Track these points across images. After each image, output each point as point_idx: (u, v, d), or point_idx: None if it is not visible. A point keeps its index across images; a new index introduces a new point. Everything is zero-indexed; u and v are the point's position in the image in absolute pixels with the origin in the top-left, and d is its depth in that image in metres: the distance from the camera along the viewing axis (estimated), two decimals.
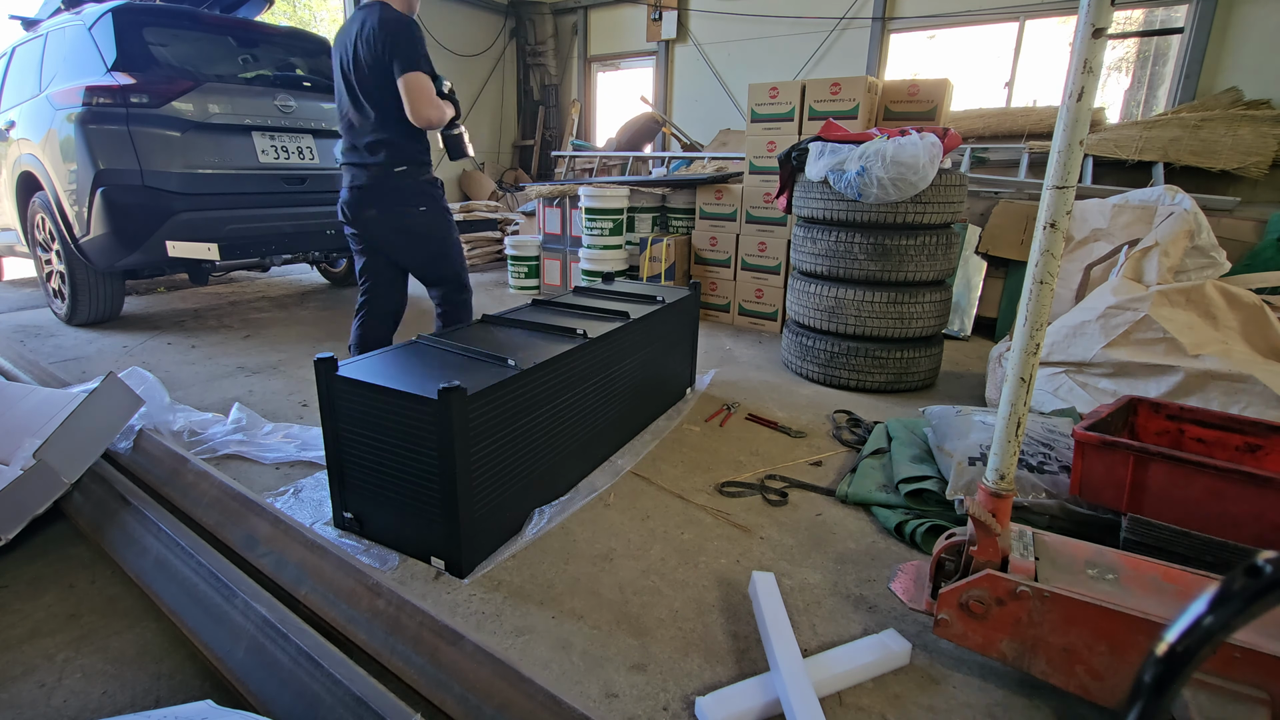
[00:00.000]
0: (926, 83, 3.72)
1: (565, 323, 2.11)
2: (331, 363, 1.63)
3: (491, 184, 8.11)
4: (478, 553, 1.63)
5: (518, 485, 1.74)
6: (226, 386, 2.85)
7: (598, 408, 2.06)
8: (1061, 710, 1.23)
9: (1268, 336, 2.33)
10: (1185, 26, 4.92)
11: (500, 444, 1.63)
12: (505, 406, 1.63)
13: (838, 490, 2.00)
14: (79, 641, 1.35)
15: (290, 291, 4.98)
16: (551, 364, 1.78)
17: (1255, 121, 4.18)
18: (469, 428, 1.50)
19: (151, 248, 3.34)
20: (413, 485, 1.58)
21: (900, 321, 2.82)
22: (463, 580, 1.57)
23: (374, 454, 1.63)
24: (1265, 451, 1.66)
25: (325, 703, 1.06)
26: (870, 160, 2.58)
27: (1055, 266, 1.10)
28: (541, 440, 1.80)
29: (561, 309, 2.38)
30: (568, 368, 1.87)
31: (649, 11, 7.50)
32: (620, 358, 2.16)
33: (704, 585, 1.58)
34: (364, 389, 1.59)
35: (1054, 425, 1.98)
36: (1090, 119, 1.34)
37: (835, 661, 1.29)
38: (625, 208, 4.41)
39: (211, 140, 3.49)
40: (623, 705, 1.23)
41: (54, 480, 1.67)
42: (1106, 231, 3.25)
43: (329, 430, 1.68)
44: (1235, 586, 0.43)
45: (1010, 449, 1.20)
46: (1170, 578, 1.23)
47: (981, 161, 4.84)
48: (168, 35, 3.58)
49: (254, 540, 1.53)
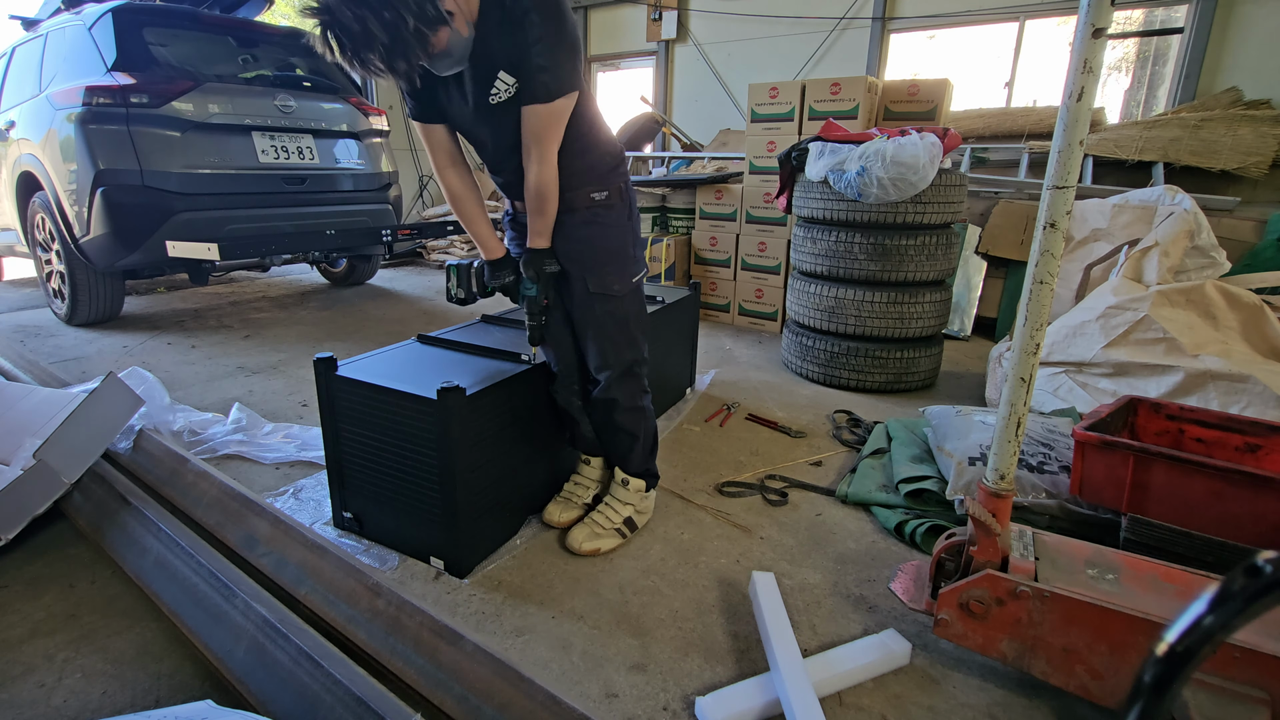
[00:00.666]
0: (926, 83, 3.72)
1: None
2: (331, 362, 1.63)
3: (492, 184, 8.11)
4: (477, 552, 1.63)
5: (517, 485, 1.73)
6: (226, 386, 2.85)
7: None
8: (1061, 710, 1.23)
9: (1268, 336, 2.33)
10: (1185, 26, 4.91)
11: (500, 444, 1.63)
12: (505, 406, 1.63)
13: (838, 490, 2.00)
14: (79, 641, 1.35)
15: (290, 291, 4.98)
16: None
17: (1255, 121, 4.18)
18: (468, 427, 1.50)
19: (151, 248, 3.34)
20: (412, 485, 1.58)
21: (900, 321, 2.82)
22: (463, 580, 1.57)
23: (374, 454, 1.63)
24: (1265, 451, 1.66)
25: (325, 703, 1.06)
26: (870, 160, 2.58)
27: (1055, 266, 1.10)
28: (541, 440, 1.80)
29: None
30: None
31: (649, 11, 7.50)
32: None
33: (704, 585, 1.58)
34: (363, 389, 1.59)
35: (1054, 425, 1.98)
36: (1090, 119, 1.34)
37: (835, 661, 1.29)
38: None
39: (211, 140, 3.49)
40: (623, 705, 1.23)
41: (54, 480, 1.67)
42: (1106, 231, 3.25)
43: (329, 430, 1.68)
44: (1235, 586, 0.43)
45: (1010, 449, 1.20)
46: (1170, 578, 1.23)
47: (981, 161, 4.84)
48: (168, 35, 3.58)
49: (254, 540, 1.53)
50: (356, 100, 4.26)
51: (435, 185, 7.87)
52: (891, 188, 2.56)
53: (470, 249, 6.00)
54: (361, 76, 1.41)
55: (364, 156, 4.21)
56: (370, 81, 6.95)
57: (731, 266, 4.12)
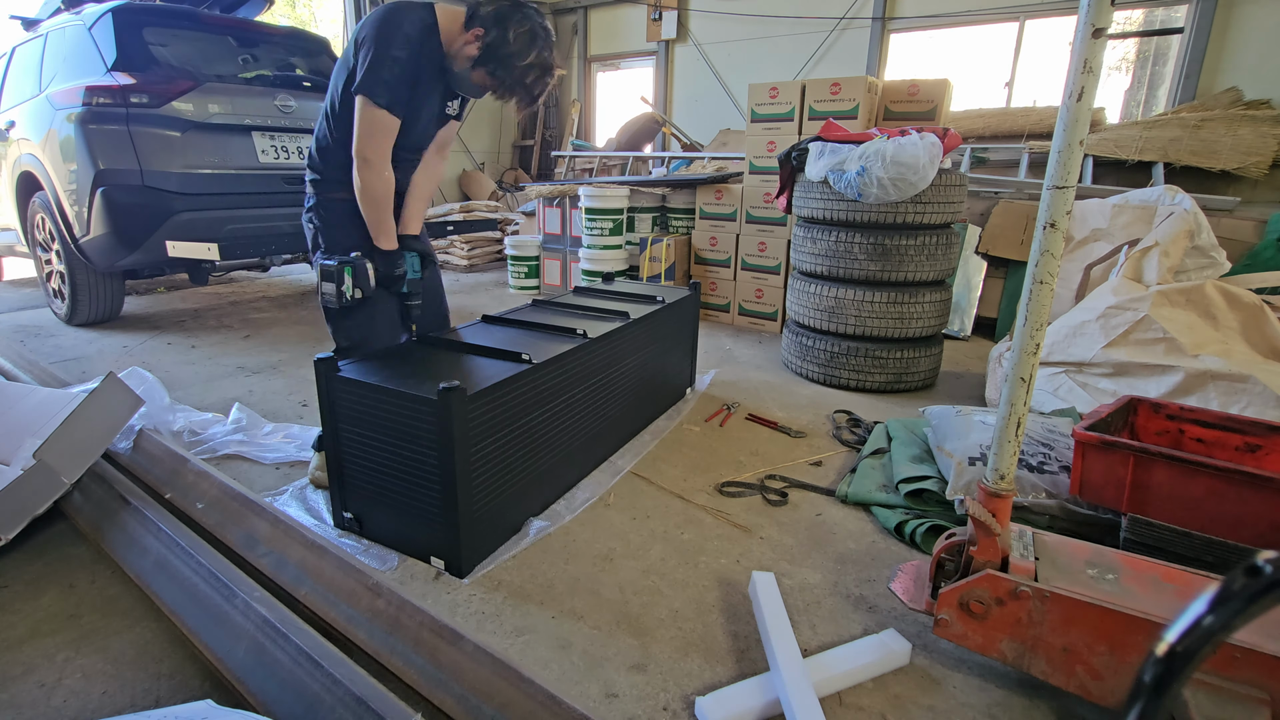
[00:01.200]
0: (926, 83, 3.72)
1: (565, 323, 2.11)
2: (332, 362, 1.63)
3: (491, 184, 8.11)
4: (477, 553, 1.63)
5: (517, 485, 1.73)
6: (226, 386, 2.85)
7: (598, 408, 2.06)
8: (1061, 710, 1.23)
9: (1268, 336, 2.33)
10: (1185, 26, 4.91)
11: (499, 444, 1.63)
12: (505, 406, 1.63)
13: (838, 490, 2.00)
14: (79, 641, 1.35)
15: (290, 291, 4.98)
16: (551, 364, 1.78)
17: (1255, 121, 4.18)
18: (468, 428, 1.50)
19: (151, 248, 3.34)
20: (412, 485, 1.58)
21: (900, 321, 2.82)
22: (463, 580, 1.57)
23: (374, 454, 1.63)
24: (1265, 451, 1.66)
25: (325, 703, 1.06)
26: (870, 160, 2.58)
27: (1055, 266, 1.10)
28: (541, 440, 1.80)
29: (561, 309, 2.38)
30: (568, 367, 1.87)
31: (649, 11, 7.50)
32: (620, 358, 2.16)
33: (704, 585, 1.58)
34: (364, 389, 1.59)
35: (1054, 425, 1.98)
36: (1090, 119, 1.34)
37: (835, 661, 1.29)
38: (625, 208, 4.41)
39: (211, 140, 3.49)
40: (623, 705, 1.23)
41: (54, 480, 1.67)
42: (1106, 231, 3.25)
43: (329, 430, 1.68)
44: (1235, 586, 0.43)
45: (1010, 449, 1.20)
46: (1170, 578, 1.23)
47: (981, 161, 4.84)
48: (168, 35, 3.58)
49: (254, 540, 1.53)
50: None
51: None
52: (891, 188, 2.56)
53: (471, 249, 6.00)
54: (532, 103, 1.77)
55: None
56: None
57: (731, 266, 4.12)
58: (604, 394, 2.09)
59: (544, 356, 1.77)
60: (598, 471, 2.10)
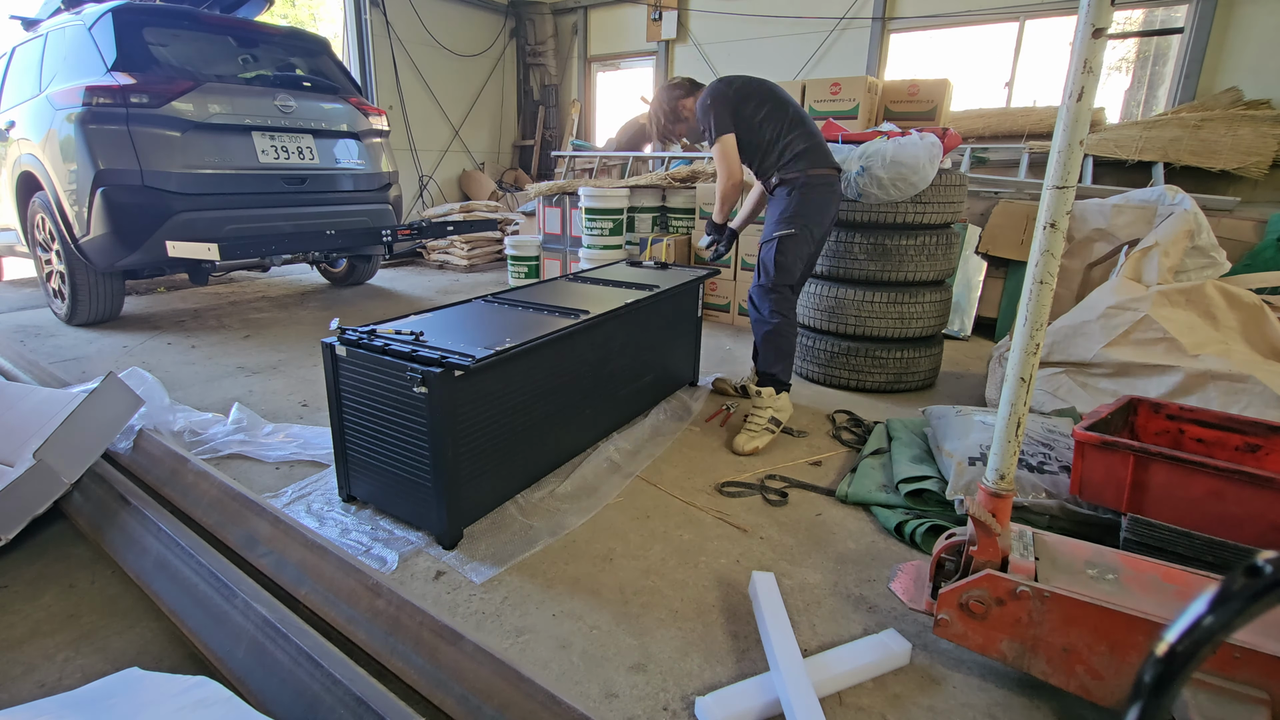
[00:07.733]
0: (926, 83, 3.72)
1: (565, 303, 2.16)
2: (341, 331, 1.75)
3: (491, 184, 8.11)
4: (463, 521, 1.72)
5: (508, 460, 1.80)
6: (226, 386, 2.85)
7: (594, 388, 2.11)
8: (1061, 710, 1.23)
9: (1268, 336, 2.33)
10: (1185, 26, 4.91)
11: (492, 419, 1.71)
12: (497, 382, 1.69)
13: (838, 490, 2.00)
14: (79, 641, 1.35)
15: (290, 291, 4.98)
16: (547, 342, 1.82)
17: (1255, 121, 4.18)
18: (457, 403, 1.58)
19: (151, 248, 3.34)
20: (405, 455, 1.66)
21: (900, 321, 2.82)
22: (449, 551, 1.65)
23: (372, 426, 1.72)
24: (1265, 451, 1.66)
25: (325, 703, 1.06)
26: (870, 160, 2.58)
27: (1055, 266, 1.10)
28: (536, 416, 1.86)
29: (564, 290, 2.44)
30: (564, 346, 1.91)
31: (649, 11, 7.50)
32: (618, 338, 2.21)
33: (704, 585, 1.58)
34: (363, 358, 1.68)
35: (1054, 425, 1.98)
36: (1090, 119, 1.34)
37: (835, 661, 1.29)
38: (625, 208, 4.41)
39: (211, 140, 3.49)
40: (623, 705, 1.23)
41: (54, 480, 1.67)
42: (1106, 231, 3.25)
43: (334, 405, 1.77)
44: (1235, 586, 0.43)
45: (1010, 449, 1.20)
46: (1170, 578, 1.23)
47: (981, 161, 4.84)
48: (168, 35, 3.58)
49: (254, 540, 1.53)
50: (356, 100, 4.26)
51: (435, 185, 7.87)
52: (891, 188, 2.56)
53: (471, 249, 6.02)
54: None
55: (364, 156, 4.21)
56: (370, 82, 6.96)
57: (731, 266, 4.12)
58: (601, 374, 2.15)
59: (539, 334, 1.83)
60: (598, 472, 2.10)
